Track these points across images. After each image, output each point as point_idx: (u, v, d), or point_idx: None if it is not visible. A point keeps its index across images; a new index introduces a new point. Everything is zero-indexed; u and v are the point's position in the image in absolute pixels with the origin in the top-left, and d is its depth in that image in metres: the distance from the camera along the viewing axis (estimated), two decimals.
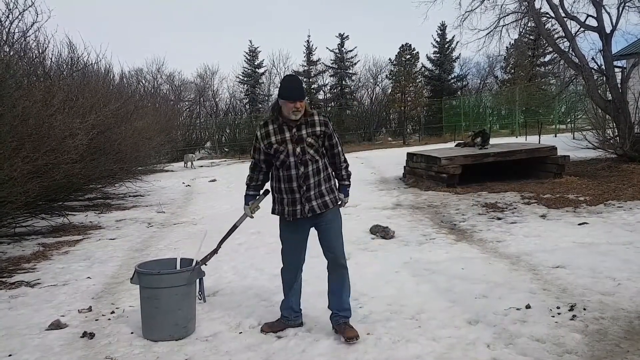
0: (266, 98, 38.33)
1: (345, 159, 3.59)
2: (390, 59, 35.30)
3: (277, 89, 3.38)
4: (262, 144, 3.35)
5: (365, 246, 5.88)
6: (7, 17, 6.99)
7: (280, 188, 3.37)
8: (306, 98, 3.35)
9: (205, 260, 3.67)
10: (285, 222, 3.46)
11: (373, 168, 14.24)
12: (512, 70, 35.10)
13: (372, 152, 21.59)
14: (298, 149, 3.29)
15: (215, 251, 3.74)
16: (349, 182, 3.63)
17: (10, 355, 3.34)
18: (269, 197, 3.53)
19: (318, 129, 3.34)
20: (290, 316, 3.59)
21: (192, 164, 21.74)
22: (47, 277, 5.30)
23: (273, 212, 3.50)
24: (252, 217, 3.62)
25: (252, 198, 3.58)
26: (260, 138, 3.36)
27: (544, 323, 3.39)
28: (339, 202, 3.51)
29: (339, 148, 3.51)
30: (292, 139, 3.29)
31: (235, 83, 39.05)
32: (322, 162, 3.39)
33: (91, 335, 3.61)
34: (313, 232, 3.48)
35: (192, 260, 3.69)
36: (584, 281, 4.16)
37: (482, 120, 28.78)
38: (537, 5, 11.75)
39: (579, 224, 6.23)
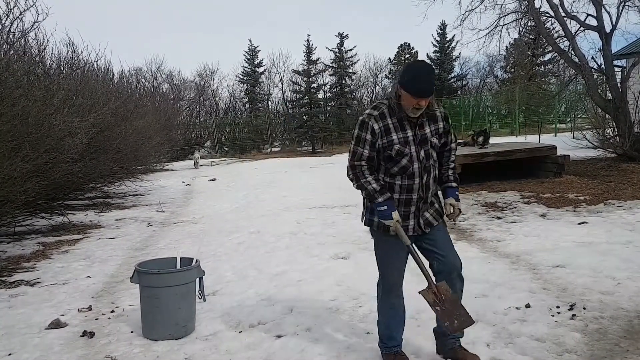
0: (266, 97, 38.32)
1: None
2: (389, 59, 35.34)
3: (401, 73, 2.72)
4: (379, 140, 2.69)
5: (365, 245, 5.87)
6: (7, 15, 6.98)
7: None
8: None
9: None
10: (388, 235, 2.79)
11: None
12: (512, 70, 35.07)
13: None
14: (422, 153, 2.73)
15: None
16: (457, 183, 2.93)
17: (10, 355, 3.34)
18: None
19: (441, 125, 2.78)
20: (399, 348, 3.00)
21: (196, 163, 21.20)
22: (47, 276, 5.30)
23: (369, 225, 2.89)
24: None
25: (392, 203, 2.74)
26: (376, 132, 2.68)
27: (544, 322, 3.39)
28: (450, 207, 2.87)
29: (455, 144, 2.93)
30: (415, 140, 2.71)
31: (234, 82, 39.03)
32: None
33: (91, 335, 3.61)
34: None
35: (192, 259, 3.69)
36: (584, 280, 4.16)
37: (482, 120, 28.77)
38: (537, 5, 11.75)
39: (579, 224, 6.23)
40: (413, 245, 2.78)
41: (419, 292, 2.76)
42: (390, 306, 2.94)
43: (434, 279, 2.79)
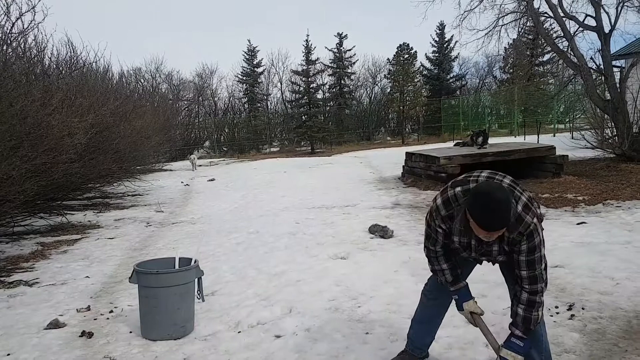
0: (265, 97, 38.32)
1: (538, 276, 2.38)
2: (388, 59, 35.33)
3: (471, 195, 2.30)
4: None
5: (364, 246, 5.87)
6: (6, 15, 6.97)
7: None
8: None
9: None
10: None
11: (372, 167, 14.26)
12: (511, 70, 35.05)
13: (371, 151, 21.61)
14: (481, 259, 2.64)
15: None
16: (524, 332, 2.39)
17: (8, 355, 3.34)
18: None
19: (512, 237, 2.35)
20: (424, 349, 2.97)
21: (194, 165, 20.37)
22: (45, 277, 5.30)
23: None
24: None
25: (464, 292, 2.69)
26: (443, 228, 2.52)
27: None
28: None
29: (525, 256, 2.37)
30: (478, 249, 2.50)
31: (234, 82, 39.02)
32: None
33: (90, 335, 3.61)
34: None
35: (191, 259, 3.69)
36: (583, 281, 4.16)
37: (481, 120, 28.78)
38: (535, 5, 11.78)
39: (578, 224, 6.24)
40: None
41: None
42: (430, 306, 2.84)
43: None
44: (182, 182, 15.02)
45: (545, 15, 11.73)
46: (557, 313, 3.55)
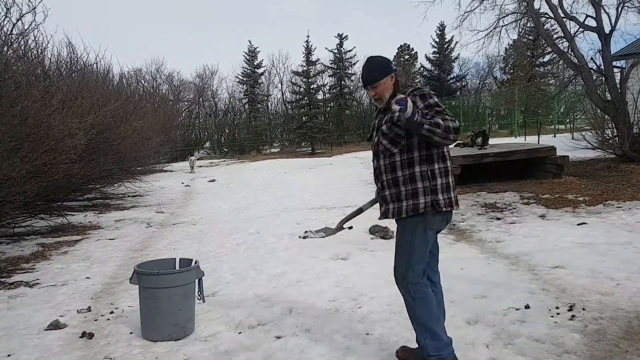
0: (265, 98, 38.32)
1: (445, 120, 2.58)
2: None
3: None
4: None
5: (365, 246, 5.87)
6: (6, 15, 6.99)
7: None
8: (385, 78, 2.76)
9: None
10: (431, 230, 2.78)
11: (372, 168, 14.23)
12: (512, 71, 35.11)
13: (371, 152, 21.55)
14: (375, 139, 2.87)
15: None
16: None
17: (9, 356, 3.34)
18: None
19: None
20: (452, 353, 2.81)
21: (192, 166, 19.84)
22: (46, 277, 5.30)
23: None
24: None
25: None
26: None
27: (543, 323, 3.39)
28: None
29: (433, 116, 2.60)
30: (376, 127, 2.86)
31: (234, 83, 39.09)
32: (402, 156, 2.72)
33: (90, 336, 3.61)
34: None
35: (191, 260, 3.69)
36: (583, 281, 4.16)
37: (482, 121, 28.79)
38: (536, 6, 11.77)
39: (578, 224, 6.23)
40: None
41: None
42: (430, 301, 2.76)
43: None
44: (182, 183, 15.03)
45: (546, 15, 11.73)
46: (558, 314, 3.54)
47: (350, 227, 3.27)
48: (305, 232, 3.30)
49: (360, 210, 3.22)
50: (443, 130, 2.51)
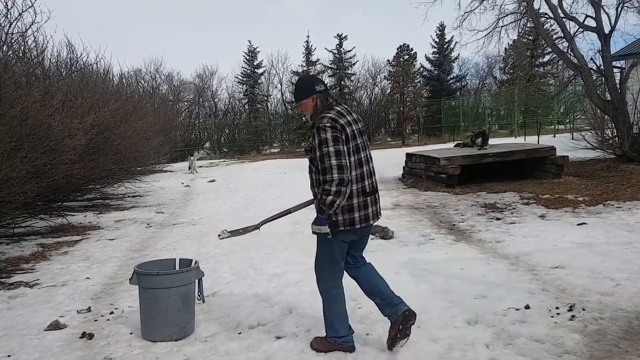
0: (265, 98, 38.31)
1: (327, 168, 2.83)
2: (388, 60, 35.34)
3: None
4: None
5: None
6: (6, 16, 6.98)
7: None
8: (306, 99, 3.05)
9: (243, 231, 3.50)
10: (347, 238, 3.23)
11: None
12: (511, 71, 35.05)
13: (371, 152, 21.55)
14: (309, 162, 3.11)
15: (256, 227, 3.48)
16: (322, 207, 2.86)
17: (9, 356, 3.34)
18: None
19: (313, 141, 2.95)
20: (351, 336, 3.28)
21: (193, 168, 18.90)
22: (46, 278, 5.30)
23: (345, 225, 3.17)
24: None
25: None
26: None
27: (543, 323, 3.39)
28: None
29: (319, 164, 2.89)
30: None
31: (234, 83, 39.01)
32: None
33: (90, 336, 3.61)
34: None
35: (191, 260, 3.69)
36: (583, 281, 4.16)
37: (481, 121, 28.80)
38: (536, 6, 11.78)
39: (578, 224, 6.24)
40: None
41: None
42: (338, 299, 3.25)
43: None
44: (182, 183, 15.02)
45: (546, 16, 11.74)
46: (558, 314, 3.54)
47: (258, 228, 3.48)
48: (222, 231, 3.47)
49: (287, 212, 3.40)
50: (330, 195, 2.80)
